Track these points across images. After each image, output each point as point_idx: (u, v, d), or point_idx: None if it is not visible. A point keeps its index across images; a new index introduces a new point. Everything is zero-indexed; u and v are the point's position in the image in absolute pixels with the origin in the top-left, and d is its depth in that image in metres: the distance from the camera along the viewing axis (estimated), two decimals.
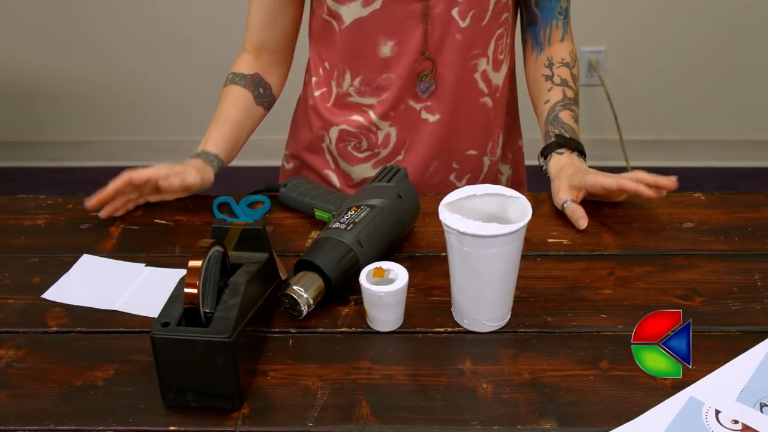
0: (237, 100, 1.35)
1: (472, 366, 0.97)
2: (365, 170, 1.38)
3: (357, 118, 1.34)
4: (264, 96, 1.37)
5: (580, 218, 1.18)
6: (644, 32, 2.78)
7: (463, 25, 1.27)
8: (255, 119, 1.37)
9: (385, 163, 1.36)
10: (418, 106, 1.32)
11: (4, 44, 2.88)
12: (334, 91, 1.34)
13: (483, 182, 1.43)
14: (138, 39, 2.85)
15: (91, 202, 1.21)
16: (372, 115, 1.33)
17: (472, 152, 1.39)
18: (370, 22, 1.26)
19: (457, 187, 1.38)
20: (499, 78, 1.36)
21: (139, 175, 1.20)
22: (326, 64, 1.35)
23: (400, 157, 1.36)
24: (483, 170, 1.42)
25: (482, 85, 1.34)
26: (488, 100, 1.36)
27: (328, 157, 1.40)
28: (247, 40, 1.38)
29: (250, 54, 1.38)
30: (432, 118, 1.33)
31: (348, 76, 1.32)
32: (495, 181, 1.47)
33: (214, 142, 1.30)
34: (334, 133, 1.37)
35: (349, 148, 1.37)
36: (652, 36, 2.78)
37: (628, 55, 2.82)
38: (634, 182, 1.17)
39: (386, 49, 1.28)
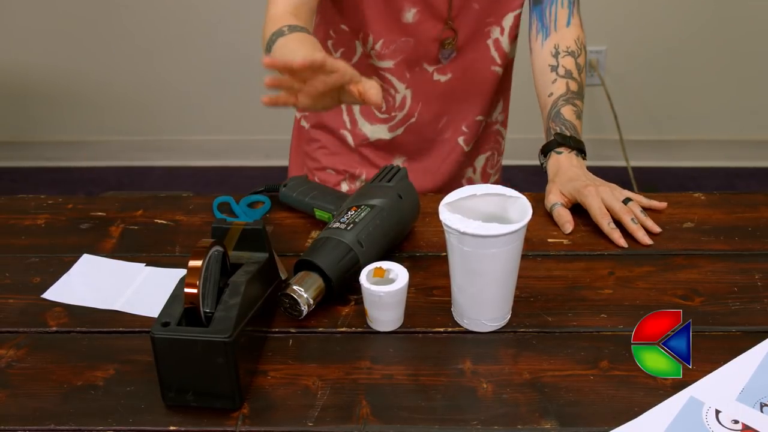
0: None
1: (473, 366, 0.97)
2: (380, 131, 1.43)
3: (378, 79, 1.38)
4: None
5: (566, 222, 1.19)
6: (644, 32, 2.78)
7: None
8: None
9: (399, 126, 1.42)
10: (431, 69, 1.37)
11: (3, 44, 2.87)
12: (359, 50, 1.37)
13: (484, 146, 1.50)
14: (138, 38, 2.85)
15: (268, 60, 0.96)
16: (390, 77, 1.37)
17: (479, 118, 1.44)
18: None
19: (465, 151, 1.45)
20: (514, 52, 1.42)
21: (333, 62, 0.97)
22: (342, 26, 1.36)
23: (413, 120, 1.41)
24: (488, 137, 1.49)
25: (494, 53, 1.39)
26: (499, 70, 1.41)
27: (346, 117, 1.44)
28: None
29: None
30: (443, 78, 1.38)
31: (371, 39, 1.34)
32: (496, 147, 1.53)
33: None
34: None
35: (372, 107, 1.40)
36: (652, 36, 2.78)
37: (628, 55, 2.82)
38: (608, 228, 1.16)
39: (409, 15, 1.32)
